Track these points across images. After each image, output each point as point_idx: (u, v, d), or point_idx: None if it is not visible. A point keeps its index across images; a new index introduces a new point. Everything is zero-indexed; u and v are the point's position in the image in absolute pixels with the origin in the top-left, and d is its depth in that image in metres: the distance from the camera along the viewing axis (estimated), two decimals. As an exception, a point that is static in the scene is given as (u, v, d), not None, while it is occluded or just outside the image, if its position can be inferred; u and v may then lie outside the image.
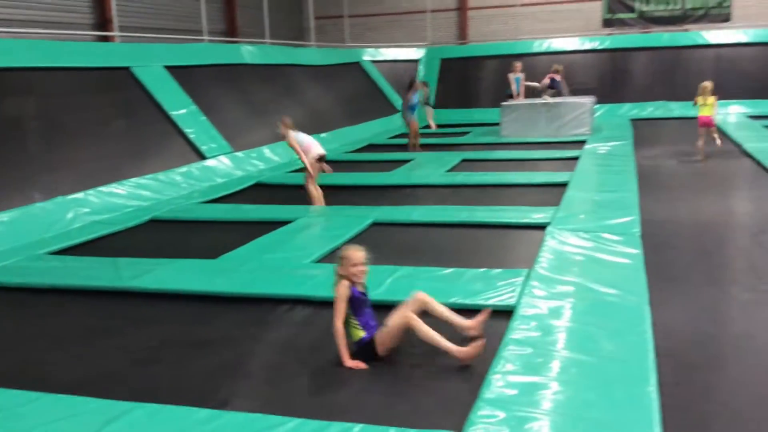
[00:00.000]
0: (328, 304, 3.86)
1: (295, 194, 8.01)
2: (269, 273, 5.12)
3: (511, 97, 14.32)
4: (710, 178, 8.67)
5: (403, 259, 5.39)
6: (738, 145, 10.80)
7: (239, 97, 11.99)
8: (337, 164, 10.99)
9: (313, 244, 5.90)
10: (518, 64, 14.61)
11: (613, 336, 3.66)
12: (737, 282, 4.78)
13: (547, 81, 13.83)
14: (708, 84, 10.17)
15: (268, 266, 5.30)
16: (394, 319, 3.61)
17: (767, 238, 5.78)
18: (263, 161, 10.79)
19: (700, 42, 16.95)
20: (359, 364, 3.56)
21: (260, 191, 8.89)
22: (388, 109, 16.81)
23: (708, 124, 10.01)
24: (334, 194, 8.26)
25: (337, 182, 9.09)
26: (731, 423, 2.95)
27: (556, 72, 14.05)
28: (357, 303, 3.68)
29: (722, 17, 17.85)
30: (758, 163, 9.17)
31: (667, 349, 3.61)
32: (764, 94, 15.80)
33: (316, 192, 7.64)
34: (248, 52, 13.07)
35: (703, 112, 10.00)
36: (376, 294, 4.28)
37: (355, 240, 6.05)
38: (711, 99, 10.01)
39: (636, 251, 5.19)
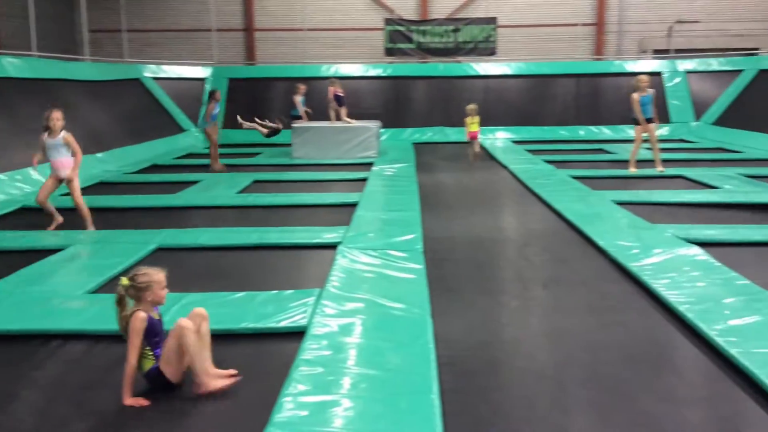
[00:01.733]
0: (103, 338, 3.57)
1: (68, 219, 7.34)
2: (36, 307, 4.61)
3: (297, 118, 14.46)
4: (482, 197, 9.44)
5: (191, 285, 5.15)
6: (505, 167, 11.92)
7: (1, 114, 10.78)
8: (116, 186, 10.33)
9: (87, 274, 5.42)
10: (302, 87, 14.81)
11: (399, 348, 3.80)
12: (507, 291, 5.23)
13: (331, 96, 14.01)
14: (473, 106, 13.28)
15: (34, 299, 4.77)
16: (170, 337, 3.41)
17: (531, 250, 6.42)
18: (30, 184, 9.72)
19: (471, 73, 18.54)
20: (140, 401, 3.31)
21: (26, 216, 8.02)
22: (174, 128, 16.17)
23: (474, 138, 13.20)
24: (113, 218, 7.71)
25: (117, 205, 8.50)
26: (505, 424, 3.19)
27: (333, 85, 14.16)
28: (155, 331, 3.42)
29: (489, 51, 19.71)
30: (522, 183, 10.18)
31: (448, 358, 3.83)
32: (526, 122, 17.67)
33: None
34: (11, 65, 11.81)
35: (472, 129, 13.17)
36: (159, 323, 4.04)
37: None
38: (477, 118, 13.17)
39: (419, 266, 5.47)
